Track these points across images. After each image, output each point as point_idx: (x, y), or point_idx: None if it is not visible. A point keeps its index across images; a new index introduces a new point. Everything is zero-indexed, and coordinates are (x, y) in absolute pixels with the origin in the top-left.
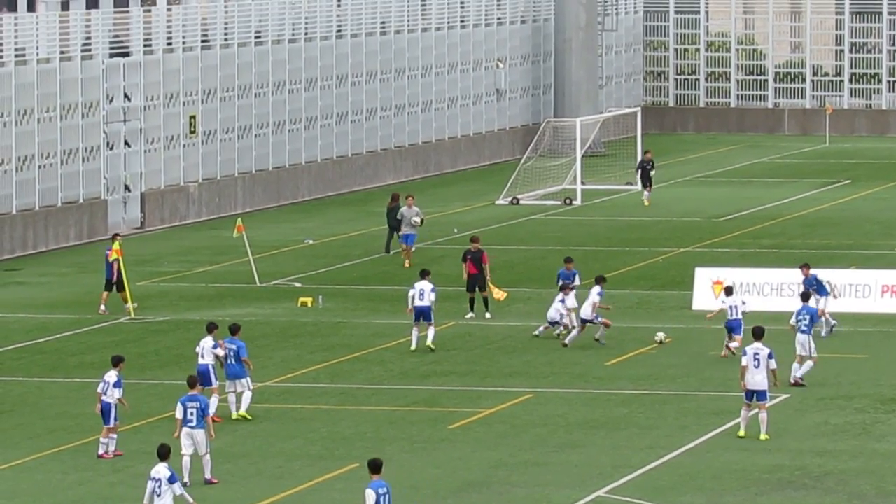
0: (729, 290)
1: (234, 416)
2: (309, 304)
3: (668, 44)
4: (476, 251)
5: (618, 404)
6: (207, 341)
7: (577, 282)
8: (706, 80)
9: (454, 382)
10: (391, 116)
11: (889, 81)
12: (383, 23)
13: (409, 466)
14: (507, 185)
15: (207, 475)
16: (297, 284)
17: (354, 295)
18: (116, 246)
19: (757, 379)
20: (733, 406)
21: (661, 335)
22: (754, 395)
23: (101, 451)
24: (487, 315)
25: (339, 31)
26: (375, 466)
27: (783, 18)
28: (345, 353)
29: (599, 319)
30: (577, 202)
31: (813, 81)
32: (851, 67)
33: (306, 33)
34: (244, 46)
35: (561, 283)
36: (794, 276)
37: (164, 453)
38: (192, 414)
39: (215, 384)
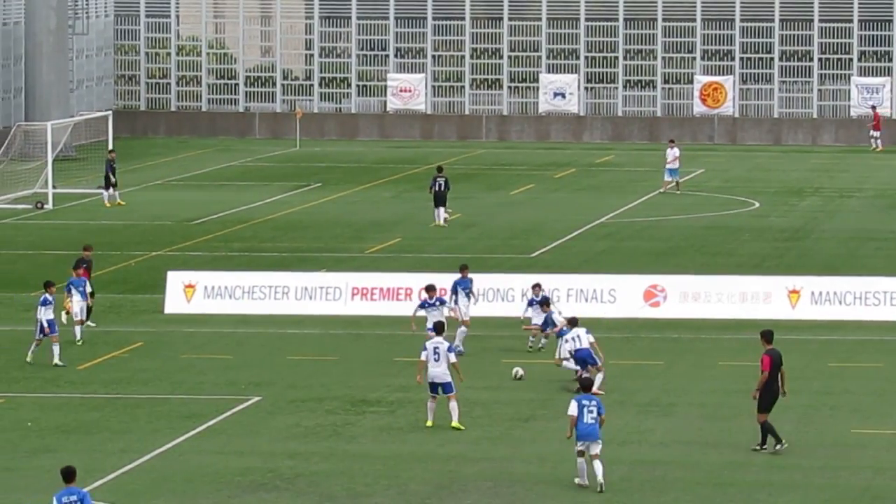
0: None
1: None
2: None
3: (139, 48)
4: None
5: (90, 409)
6: None
7: (88, 288)
8: (177, 84)
9: None
10: None
11: (358, 86)
12: None
13: None
14: None
15: None
16: None
17: None
18: None
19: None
20: (205, 409)
21: (519, 371)
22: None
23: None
24: None
25: None
26: (68, 474)
27: (254, 23)
28: None
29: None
30: (49, 206)
31: (283, 85)
32: (321, 72)
33: None
34: None
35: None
36: (263, 279)
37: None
38: None
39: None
